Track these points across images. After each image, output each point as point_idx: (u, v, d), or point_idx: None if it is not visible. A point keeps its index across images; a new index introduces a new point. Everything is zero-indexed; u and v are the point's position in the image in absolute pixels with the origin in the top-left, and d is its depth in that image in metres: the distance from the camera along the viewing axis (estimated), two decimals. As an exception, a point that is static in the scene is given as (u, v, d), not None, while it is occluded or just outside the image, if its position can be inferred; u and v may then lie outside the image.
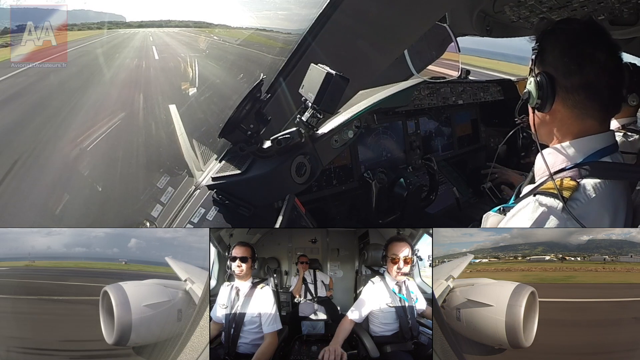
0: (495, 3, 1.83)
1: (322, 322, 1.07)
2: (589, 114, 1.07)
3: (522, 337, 0.92)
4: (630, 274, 0.99)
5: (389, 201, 1.69)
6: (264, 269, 1.13)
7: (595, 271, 1.00)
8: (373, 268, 1.11)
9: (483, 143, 2.59)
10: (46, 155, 1.44)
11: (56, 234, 1.02)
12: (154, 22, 2.27)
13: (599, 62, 1.05)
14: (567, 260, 1.01)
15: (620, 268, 1.00)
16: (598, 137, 1.08)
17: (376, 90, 1.82)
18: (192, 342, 0.97)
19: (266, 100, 1.21)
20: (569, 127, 1.10)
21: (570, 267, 1.01)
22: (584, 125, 1.08)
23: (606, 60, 1.05)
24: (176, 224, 1.23)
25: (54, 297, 1.00)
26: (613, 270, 1.00)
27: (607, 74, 1.06)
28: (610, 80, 1.06)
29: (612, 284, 0.99)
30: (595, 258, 1.01)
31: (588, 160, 1.06)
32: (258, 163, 1.25)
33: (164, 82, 1.97)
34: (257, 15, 2.10)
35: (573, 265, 1.01)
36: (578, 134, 1.09)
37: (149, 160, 1.44)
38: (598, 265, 1.01)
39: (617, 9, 1.65)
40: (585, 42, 1.07)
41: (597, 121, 1.08)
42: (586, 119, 1.08)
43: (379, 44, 1.23)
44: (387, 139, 2.02)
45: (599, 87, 1.05)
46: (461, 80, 2.40)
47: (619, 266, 1.00)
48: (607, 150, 1.07)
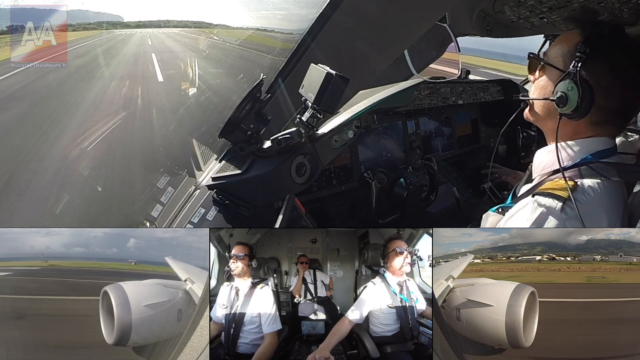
0: (495, 3, 1.83)
1: (322, 322, 1.07)
2: (603, 129, 1.08)
3: (522, 337, 0.92)
4: (630, 273, 0.99)
5: (389, 201, 1.69)
6: (264, 269, 1.13)
7: (595, 271, 1.00)
8: (373, 268, 1.11)
9: (483, 143, 2.59)
10: (46, 155, 1.44)
11: (56, 234, 1.02)
12: (153, 22, 2.27)
13: (638, 89, 1.03)
14: (567, 260, 1.01)
15: (620, 268, 1.00)
16: (598, 139, 1.08)
17: (376, 90, 1.82)
18: (192, 342, 0.97)
19: (266, 100, 1.21)
20: (576, 130, 1.09)
21: (570, 267, 1.01)
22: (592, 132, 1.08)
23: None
24: (176, 224, 1.23)
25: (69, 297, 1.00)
26: (612, 270, 1.00)
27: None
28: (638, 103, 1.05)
29: (612, 284, 0.99)
30: (594, 258, 1.01)
31: (587, 160, 1.06)
32: (258, 163, 1.25)
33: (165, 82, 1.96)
34: (256, 15, 2.10)
35: (573, 265, 1.01)
36: (581, 135, 1.09)
37: (149, 160, 1.44)
38: (597, 265, 1.01)
39: (617, 9, 1.65)
40: (636, 65, 1.03)
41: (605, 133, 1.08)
42: (597, 129, 1.08)
43: (378, 44, 1.23)
44: (387, 139, 2.02)
45: (630, 112, 1.06)
46: (461, 80, 2.40)
47: (618, 266, 1.00)
48: (606, 153, 1.07)
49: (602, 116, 1.05)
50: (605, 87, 1.02)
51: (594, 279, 1.00)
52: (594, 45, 1.03)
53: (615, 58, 1.03)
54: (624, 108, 1.06)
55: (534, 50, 1.21)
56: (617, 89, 1.02)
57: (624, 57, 1.03)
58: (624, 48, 1.04)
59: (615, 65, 1.02)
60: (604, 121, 1.06)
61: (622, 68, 1.02)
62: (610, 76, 1.02)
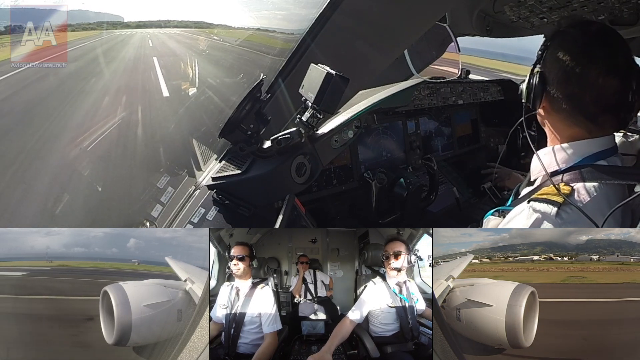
0: (495, 3, 1.83)
1: (322, 322, 1.07)
2: (576, 123, 1.07)
3: (522, 337, 0.92)
4: (630, 273, 0.99)
5: (389, 201, 1.69)
6: (264, 269, 1.13)
7: (595, 271, 1.00)
8: (373, 268, 1.11)
9: (483, 143, 2.59)
10: (46, 155, 1.44)
11: (56, 234, 1.02)
12: (153, 22, 2.27)
13: (588, 77, 1.03)
14: (566, 261, 1.01)
15: (618, 268, 1.00)
16: (595, 140, 1.07)
17: (376, 90, 1.82)
18: (192, 342, 0.97)
19: (266, 100, 1.21)
20: (560, 131, 1.11)
21: (570, 267, 1.01)
22: (572, 131, 1.09)
23: (599, 76, 1.02)
24: (176, 224, 1.23)
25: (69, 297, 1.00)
26: (612, 270, 1.00)
27: (597, 90, 1.03)
28: (600, 97, 1.03)
29: (611, 284, 0.99)
30: (591, 258, 1.01)
31: (583, 163, 1.06)
32: (258, 163, 1.25)
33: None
34: (256, 15, 2.10)
35: (572, 265, 1.01)
36: (570, 138, 1.09)
37: (149, 160, 1.44)
38: (597, 265, 1.01)
39: (617, 9, 1.65)
40: (581, 53, 1.04)
41: (585, 130, 1.07)
42: (573, 126, 1.08)
43: (378, 44, 1.23)
44: (387, 139, 2.02)
45: (585, 102, 1.04)
46: (461, 80, 2.40)
47: (617, 266, 1.00)
48: (604, 154, 1.07)
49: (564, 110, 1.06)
50: (554, 73, 1.06)
51: (593, 279, 1.00)
52: (547, 41, 1.10)
53: (562, 44, 1.07)
54: (577, 97, 1.04)
55: (533, 50, 1.22)
56: (563, 75, 1.05)
57: (570, 43, 1.06)
58: (571, 35, 1.08)
59: (562, 52, 1.06)
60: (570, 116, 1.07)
61: (567, 51, 1.05)
62: (557, 63, 1.06)
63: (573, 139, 1.09)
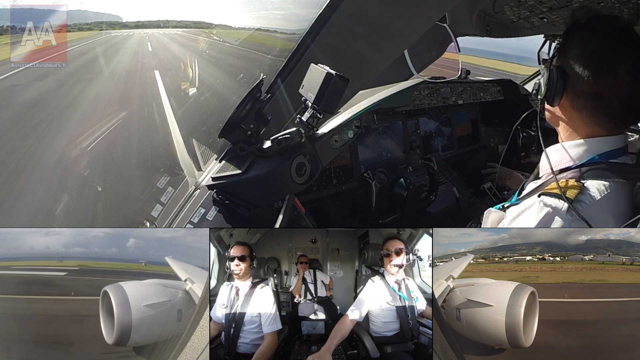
0: (495, 3, 1.83)
1: (322, 322, 1.07)
2: (596, 121, 1.05)
3: (522, 337, 0.92)
4: (630, 273, 0.99)
5: (389, 201, 1.69)
6: (264, 269, 1.13)
7: (595, 271, 1.00)
8: (373, 268, 1.11)
9: (483, 143, 2.59)
10: (46, 156, 1.44)
11: (56, 234, 1.02)
12: (152, 22, 2.27)
13: (617, 75, 1.00)
14: (566, 260, 1.01)
15: (618, 268, 1.00)
16: (607, 139, 1.06)
17: (376, 90, 1.82)
18: (192, 342, 0.97)
19: (266, 100, 1.21)
20: (576, 128, 1.08)
21: (569, 267, 1.01)
22: (591, 130, 1.06)
23: (627, 75, 1.00)
24: (176, 224, 1.23)
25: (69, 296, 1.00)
26: (611, 270, 1.00)
27: (624, 88, 1.01)
28: (625, 95, 1.01)
29: (612, 284, 0.99)
30: (594, 258, 1.01)
31: (594, 160, 1.05)
32: (258, 163, 1.25)
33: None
34: (256, 15, 2.10)
35: (572, 265, 1.01)
36: (586, 135, 1.07)
37: (149, 160, 1.44)
38: (596, 264, 1.01)
39: (617, 9, 1.64)
40: (610, 50, 1.01)
41: (604, 129, 1.05)
42: (593, 125, 1.06)
43: (378, 44, 1.23)
44: (387, 139, 2.02)
45: (610, 100, 1.02)
46: (461, 80, 2.40)
47: (616, 266, 1.00)
48: (616, 153, 1.05)
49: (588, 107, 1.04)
50: (578, 70, 1.03)
51: (592, 279, 1.00)
52: (569, 34, 1.06)
53: (587, 39, 1.04)
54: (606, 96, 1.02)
55: (533, 50, 1.21)
56: (589, 72, 1.02)
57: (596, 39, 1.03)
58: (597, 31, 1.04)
59: (588, 48, 1.03)
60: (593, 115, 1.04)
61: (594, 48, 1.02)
62: (582, 60, 1.02)
63: (588, 136, 1.07)
